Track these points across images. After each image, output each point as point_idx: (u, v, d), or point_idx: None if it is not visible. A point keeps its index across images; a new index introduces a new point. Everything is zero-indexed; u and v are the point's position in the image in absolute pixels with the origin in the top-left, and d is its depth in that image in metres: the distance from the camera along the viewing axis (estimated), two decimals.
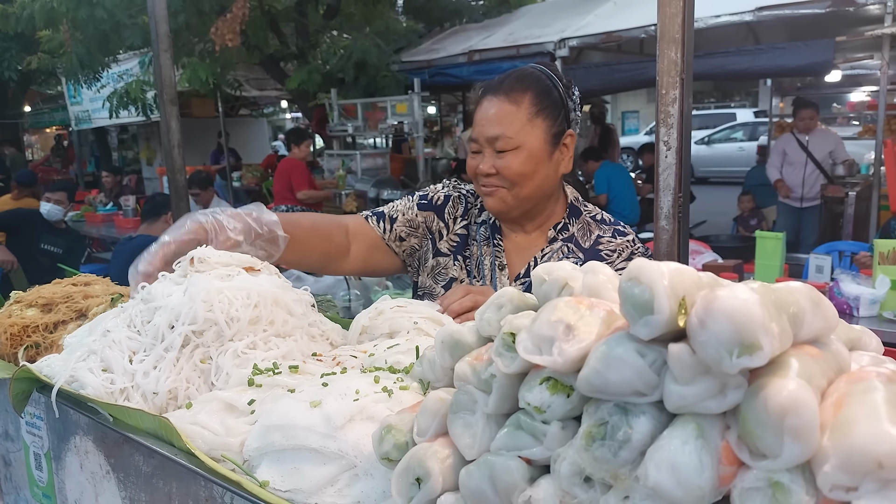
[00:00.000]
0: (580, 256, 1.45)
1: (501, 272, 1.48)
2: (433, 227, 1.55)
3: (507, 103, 1.38)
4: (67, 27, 6.72)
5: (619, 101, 17.90)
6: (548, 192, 1.46)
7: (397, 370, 0.97)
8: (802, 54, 4.93)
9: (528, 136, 1.37)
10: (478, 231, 1.52)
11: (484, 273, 1.49)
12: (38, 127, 15.95)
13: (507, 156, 1.38)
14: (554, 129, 1.41)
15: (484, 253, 1.49)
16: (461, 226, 1.54)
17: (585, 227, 1.49)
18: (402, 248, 1.56)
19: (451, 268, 1.51)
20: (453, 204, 1.56)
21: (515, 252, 1.50)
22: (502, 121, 1.37)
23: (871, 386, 0.51)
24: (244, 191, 10.79)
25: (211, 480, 0.85)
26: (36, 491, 1.29)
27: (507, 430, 0.64)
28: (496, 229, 1.51)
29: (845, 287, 3.20)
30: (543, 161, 1.40)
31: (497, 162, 1.38)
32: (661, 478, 0.51)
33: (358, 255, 1.53)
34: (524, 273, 1.47)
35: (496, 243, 1.50)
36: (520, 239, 1.51)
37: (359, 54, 6.96)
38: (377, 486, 0.78)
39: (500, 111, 1.38)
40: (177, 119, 3.02)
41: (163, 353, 1.06)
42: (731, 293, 0.50)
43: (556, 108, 1.41)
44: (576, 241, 1.47)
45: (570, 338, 0.60)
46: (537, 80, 1.41)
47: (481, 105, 1.42)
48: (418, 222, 1.55)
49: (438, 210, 1.55)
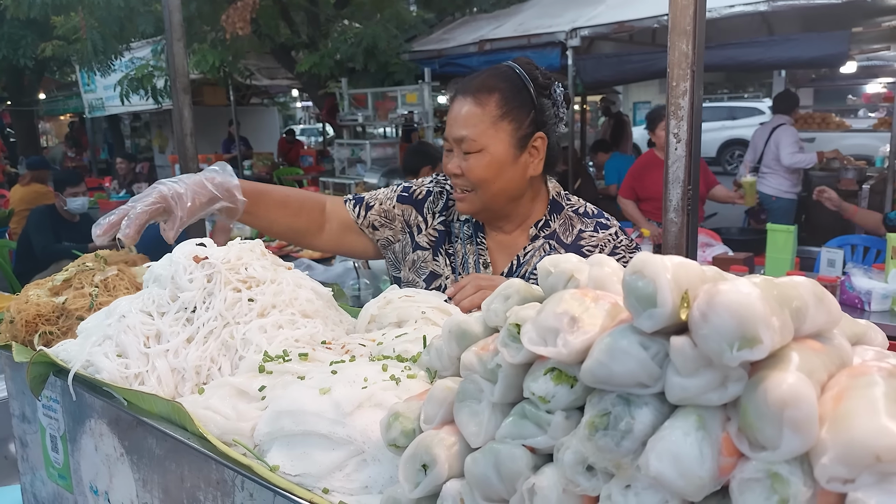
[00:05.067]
0: (559, 249, 1.46)
1: (486, 270, 1.49)
2: (411, 220, 1.57)
3: (473, 105, 1.37)
4: (83, 14, 6.76)
5: (630, 91, 17.75)
6: (514, 195, 1.45)
7: (405, 359, 0.99)
8: (817, 45, 4.86)
9: (492, 139, 1.37)
10: (461, 229, 1.53)
11: (469, 270, 1.50)
12: (53, 114, 16.07)
13: (472, 158, 1.38)
14: (520, 133, 1.39)
15: (468, 251, 1.51)
16: (439, 221, 1.55)
17: (567, 221, 1.50)
18: (376, 236, 1.58)
19: (430, 262, 1.53)
20: (434, 199, 1.57)
21: (498, 250, 1.51)
22: (467, 123, 1.37)
23: (872, 380, 0.52)
24: (255, 179, 10.84)
25: (222, 464, 0.87)
26: (52, 472, 1.32)
27: (512, 419, 0.66)
28: (479, 227, 1.52)
29: (857, 281, 3.19)
30: (507, 165, 1.39)
31: (463, 163, 1.39)
32: (662, 467, 0.52)
33: (331, 233, 1.57)
34: (507, 272, 1.48)
35: (479, 241, 1.51)
36: (501, 237, 1.52)
37: (369, 40, 6.95)
38: (384, 472, 0.80)
39: (466, 113, 1.38)
40: (189, 108, 3.04)
41: (197, 329, 1.11)
42: (733, 287, 0.51)
43: (523, 110, 1.39)
44: (557, 238, 1.48)
45: (575, 329, 0.61)
46: (507, 80, 1.40)
47: (453, 104, 1.42)
48: (395, 214, 1.56)
49: (418, 204, 1.57)
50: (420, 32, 7.92)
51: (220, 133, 11.70)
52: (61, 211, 5.05)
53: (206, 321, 1.13)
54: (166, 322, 1.13)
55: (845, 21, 5.08)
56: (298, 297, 1.23)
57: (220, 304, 1.15)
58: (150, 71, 7.85)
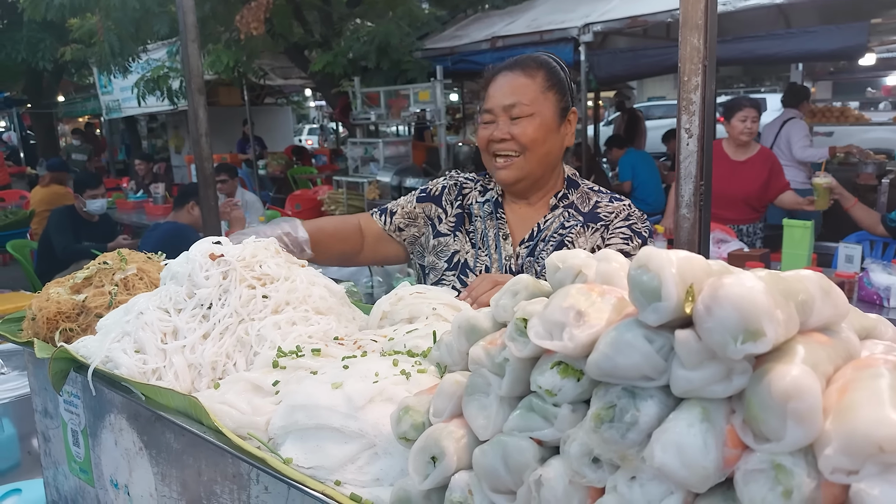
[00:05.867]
0: (580, 219, 1.57)
1: (505, 241, 1.61)
2: (432, 214, 1.71)
3: (522, 77, 1.53)
4: (100, 16, 6.85)
5: (645, 86, 17.60)
6: (552, 162, 1.59)
7: (415, 354, 1.00)
8: (835, 37, 4.79)
9: (542, 105, 1.52)
10: (481, 208, 1.66)
11: (488, 244, 1.62)
12: (72, 116, 16.31)
13: (522, 122, 1.51)
14: (562, 104, 1.56)
15: (488, 227, 1.63)
16: (457, 206, 1.69)
17: (584, 195, 1.62)
18: (403, 237, 1.73)
19: (451, 244, 1.66)
20: (449, 191, 1.71)
21: (518, 223, 1.63)
22: (517, 91, 1.52)
23: (877, 372, 0.52)
24: (269, 178, 10.93)
25: (238, 457, 0.89)
26: (74, 466, 1.35)
27: (520, 412, 0.67)
28: (499, 205, 1.65)
29: (875, 277, 3.14)
30: (553, 131, 1.54)
31: (512, 129, 1.51)
32: (666, 458, 0.52)
33: (369, 248, 1.72)
34: (528, 238, 1.59)
35: (499, 216, 1.63)
36: (523, 210, 1.63)
37: (381, 38, 6.97)
38: (395, 465, 0.81)
39: (515, 83, 1.53)
40: (204, 108, 3.08)
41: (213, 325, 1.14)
42: (737, 281, 0.51)
43: (563, 86, 1.57)
44: (575, 207, 1.60)
45: (581, 323, 0.62)
46: (547, 62, 1.58)
47: (495, 81, 1.56)
48: (416, 213, 1.71)
49: (436, 199, 1.71)
50: (432, 30, 7.92)
51: (236, 133, 11.80)
52: (81, 212, 5.13)
53: (221, 318, 1.15)
54: (183, 319, 1.16)
55: (864, 12, 5.00)
56: (312, 295, 1.25)
57: (236, 300, 1.17)
58: (166, 72, 7.95)
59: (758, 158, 4.19)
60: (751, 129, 4.08)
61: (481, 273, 1.58)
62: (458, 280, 1.59)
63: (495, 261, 1.59)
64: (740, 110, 4.08)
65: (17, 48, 10.56)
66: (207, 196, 3.22)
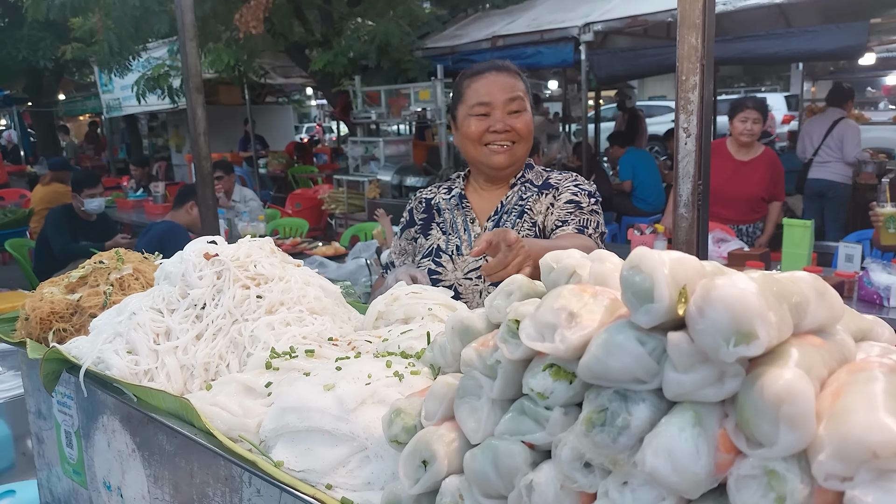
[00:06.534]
0: (535, 189, 1.76)
1: (473, 224, 1.78)
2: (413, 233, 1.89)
3: (510, 77, 1.70)
4: (100, 15, 6.84)
5: (645, 86, 17.58)
6: (530, 149, 1.79)
7: (409, 355, 0.99)
8: (835, 37, 4.77)
9: (526, 102, 1.71)
10: (448, 202, 1.83)
11: (458, 230, 1.78)
12: (72, 115, 16.30)
13: (521, 115, 1.69)
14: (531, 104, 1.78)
15: (455, 215, 1.81)
16: (423, 213, 1.87)
17: (538, 173, 1.83)
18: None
19: (425, 244, 1.82)
20: (416, 209, 1.89)
21: (483, 206, 1.81)
22: (513, 88, 1.69)
23: (872, 376, 0.51)
24: (270, 177, 10.92)
25: (229, 460, 0.88)
26: (67, 467, 1.34)
27: (511, 415, 0.66)
28: (463, 196, 1.83)
29: (876, 276, 3.13)
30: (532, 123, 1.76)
31: (510, 121, 1.68)
32: (657, 464, 0.51)
33: None
34: (493, 214, 1.77)
35: (465, 206, 1.81)
36: (487, 194, 1.81)
37: (382, 38, 6.96)
38: (387, 468, 0.80)
39: (508, 82, 1.69)
40: (202, 107, 3.07)
41: (206, 326, 1.13)
42: (730, 282, 0.50)
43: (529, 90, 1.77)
44: (530, 182, 1.79)
45: (573, 325, 0.61)
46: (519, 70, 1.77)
47: (483, 79, 1.70)
48: (406, 243, 1.88)
49: (411, 222, 1.89)
50: (433, 29, 7.91)
51: (237, 132, 11.78)
52: (78, 211, 5.13)
53: (214, 318, 1.15)
54: (176, 319, 1.15)
55: (863, 12, 4.98)
56: (306, 295, 1.24)
57: (229, 301, 1.16)
58: (166, 71, 7.94)
59: (762, 160, 4.17)
60: (751, 130, 4.05)
61: (453, 255, 1.74)
62: (433, 262, 1.75)
63: (465, 241, 1.75)
64: (742, 111, 4.05)
65: (18, 47, 10.55)
66: (206, 195, 3.21)
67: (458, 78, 1.79)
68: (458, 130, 1.75)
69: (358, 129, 7.87)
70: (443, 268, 1.72)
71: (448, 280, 1.70)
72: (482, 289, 1.69)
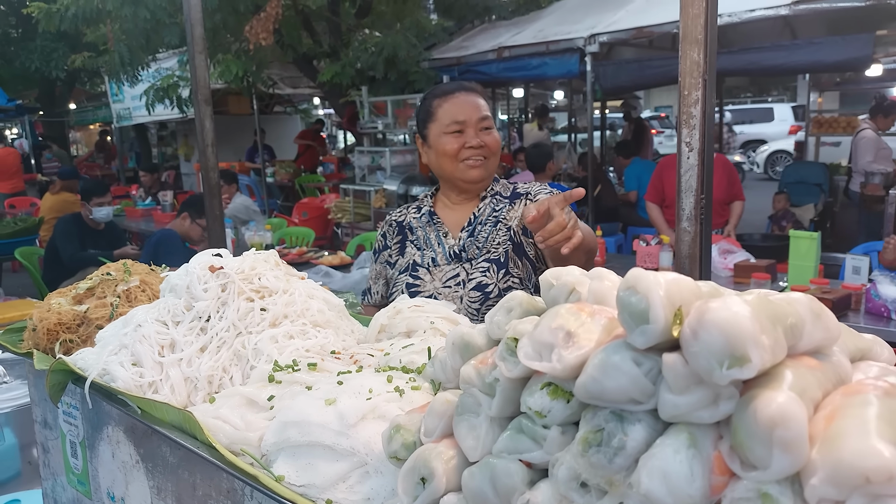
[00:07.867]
0: (506, 200, 1.86)
1: (446, 238, 1.86)
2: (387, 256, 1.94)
3: (478, 97, 1.82)
4: (110, 25, 6.93)
5: (651, 96, 17.59)
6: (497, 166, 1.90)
7: (410, 370, 1.00)
8: (841, 49, 4.77)
9: (492, 121, 1.84)
10: (419, 220, 1.91)
11: (431, 245, 1.85)
12: (83, 124, 16.48)
13: (492, 132, 1.80)
14: None
15: (428, 231, 1.88)
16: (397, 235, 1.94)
17: (504, 186, 1.93)
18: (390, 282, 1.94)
19: (402, 262, 1.87)
20: (388, 232, 1.96)
21: (454, 219, 1.89)
22: (483, 107, 1.81)
23: (866, 400, 0.51)
24: (277, 186, 10.98)
25: (230, 473, 0.89)
26: (71, 477, 1.35)
27: (509, 433, 0.66)
28: (433, 213, 1.91)
29: (883, 289, 3.11)
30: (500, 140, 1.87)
31: (483, 138, 1.78)
32: (652, 485, 0.52)
33: None
34: (467, 224, 1.84)
35: (436, 222, 1.89)
36: (457, 209, 1.89)
37: (389, 49, 7.02)
38: (387, 484, 0.81)
39: (478, 102, 1.80)
40: (211, 119, 3.10)
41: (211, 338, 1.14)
42: (723, 305, 0.51)
43: None
44: (499, 194, 1.88)
45: (570, 345, 0.61)
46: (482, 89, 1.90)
47: (454, 99, 1.80)
48: (380, 268, 1.94)
49: (385, 247, 1.95)
50: (439, 40, 7.96)
51: (245, 141, 11.87)
52: (87, 219, 5.18)
53: (219, 331, 1.16)
54: (181, 331, 1.16)
55: (869, 24, 4.98)
56: (310, 308, 1.25)
57: (234, 313, 1.17)
58: (176, 81, 8.02)
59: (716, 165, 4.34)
60: None
61: (430, 267, 1.80)
62: (411, 277, 1.81)
63: (439, 253, 1.82)
64: None
65: (31, 57, 10.70)
66: (213, 205, 3.24)
67: (425, 99, 1.87)
68: (431, 148, 1.83)
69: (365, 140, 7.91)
70: (421, 280, 1.79)
71: (427, 290, 1.76)
72: (462, 295, 1.73)
